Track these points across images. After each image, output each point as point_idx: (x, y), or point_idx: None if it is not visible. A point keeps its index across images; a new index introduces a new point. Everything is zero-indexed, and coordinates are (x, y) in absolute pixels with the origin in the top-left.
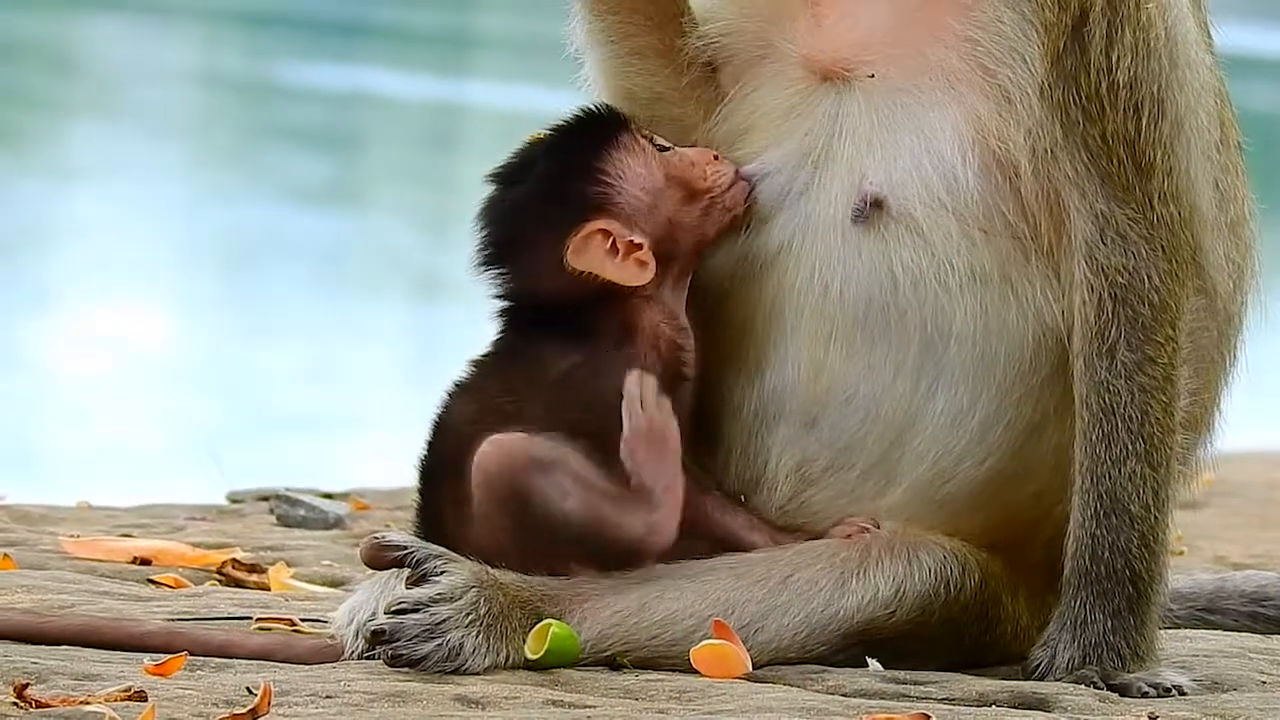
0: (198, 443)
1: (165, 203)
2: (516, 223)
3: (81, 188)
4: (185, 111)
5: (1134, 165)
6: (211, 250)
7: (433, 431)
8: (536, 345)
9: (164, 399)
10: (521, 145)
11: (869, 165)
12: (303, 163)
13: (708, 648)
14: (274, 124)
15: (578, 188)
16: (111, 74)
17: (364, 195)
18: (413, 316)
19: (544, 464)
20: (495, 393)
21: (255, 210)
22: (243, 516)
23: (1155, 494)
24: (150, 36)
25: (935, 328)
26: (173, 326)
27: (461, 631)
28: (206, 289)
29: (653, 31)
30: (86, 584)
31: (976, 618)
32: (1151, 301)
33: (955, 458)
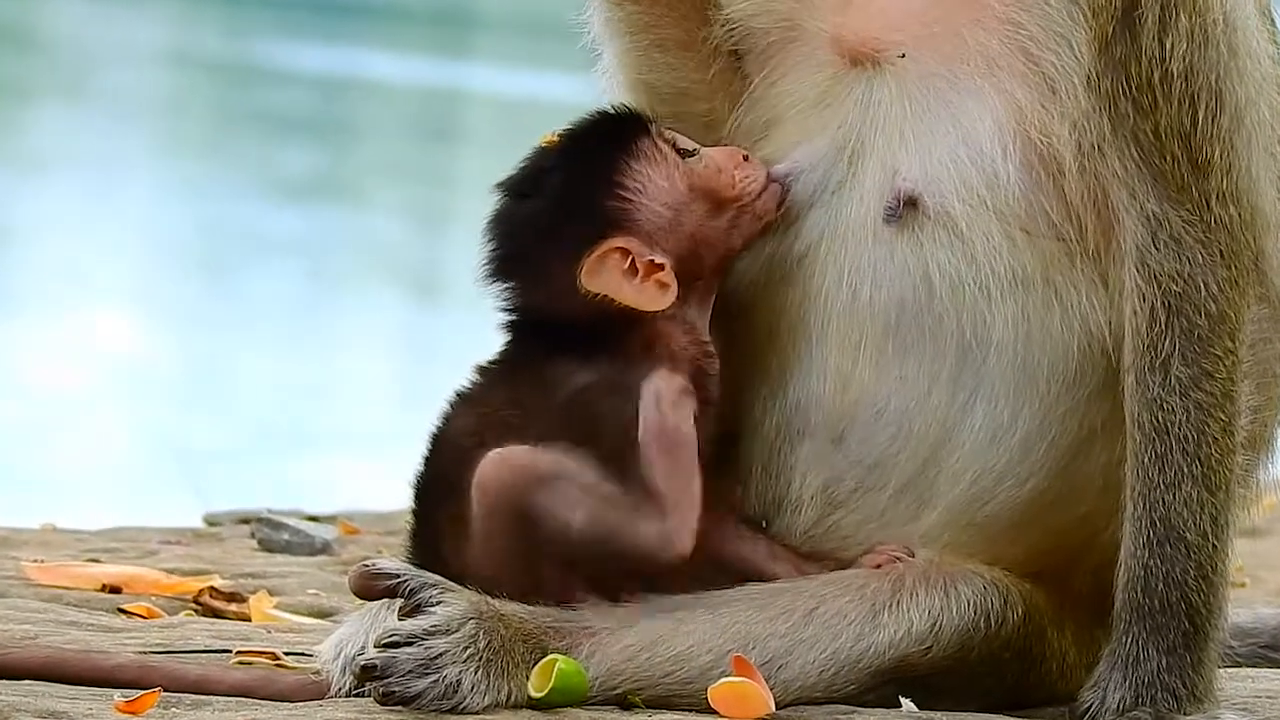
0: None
1: (136, 196)
2: (527, 239)
3: (46, 179)
4: (158, 96)
5: (1189, 162)
6: (187, 248)
7: (430, 446)
8: (547, 360)
9: (136, 411)
10: (533, 150)
11: (902, 160)
12: (286, 153)
13: (727, 685)
14: (254, 110)
15: (594, 202)
16: (79, 55)
17: (353, 189)
18: (406, 322)
19: (548, 476)
20: (499, 405)
21: (234, 205)
22: (221, 540)
23: (1214, 520)
24: (121, 15)
25: (974, 336)
26: (145, 332)
27: (459, 667)
28: (182, 291)
29: (676, 23)
30: (51, 613)
31: (1019, 654)
32: (1209, 311)
33: (995, 477)
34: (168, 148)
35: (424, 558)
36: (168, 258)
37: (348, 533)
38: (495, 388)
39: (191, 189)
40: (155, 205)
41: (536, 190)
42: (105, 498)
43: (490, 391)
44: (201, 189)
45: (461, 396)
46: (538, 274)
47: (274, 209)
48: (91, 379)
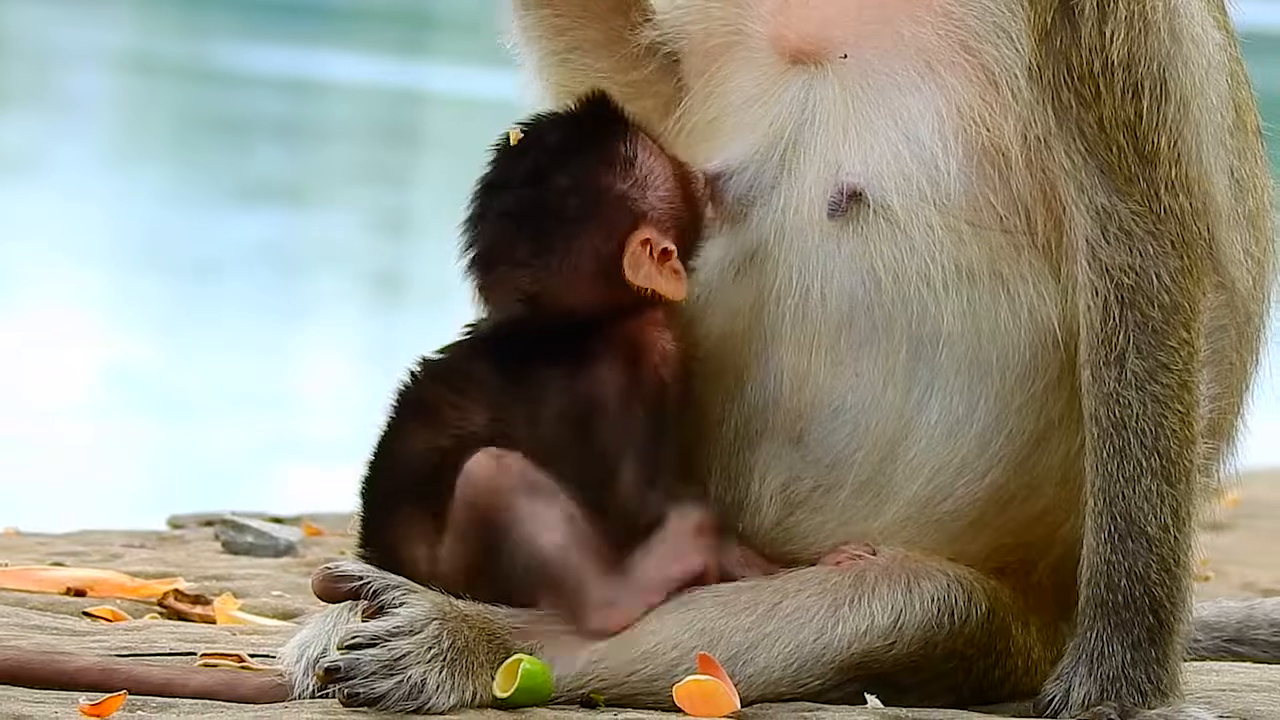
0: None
1: (95, 201)
2: (542, 228)
3: (3, 184)
4: (117, 99)
5: (1136, 153)
6: (148, 252)
7: (386, 449)
8: (531, 367)
9: (98, 416)
10: (507, 143)
11: (845, 155)
12: (246, 155)
13: (693, 684)
14: (214, 113)
15: (618, 192)
16: (35, 59)
17: (314, 192)
18: (369, 326)
19: (537, 488)
20: (477, 411)
21: (194, 208)
22: (185, 543)
23: (1174, 513)
24: (78, 17)
25: (923, 330)
26: (107, 336)
27: (423, 667)
28: (143, 294)
29: (592, 23)
30: (15, 617)
31: (984, 650)
32: (1162, 303)
33: (953, 472)
34: (127, 151)
35: (384, 560)
36: (129, 261)
37: (311, 534)
38: (468, 393)
39: (151, 192)
40: (115, 209)
41: (543, 180)
42: (68, 501)
43: (463, 398)
44: (161, 192)
45: (421, 401)
46: (551, 266)
47: (234, 211)
48: (53, 383)
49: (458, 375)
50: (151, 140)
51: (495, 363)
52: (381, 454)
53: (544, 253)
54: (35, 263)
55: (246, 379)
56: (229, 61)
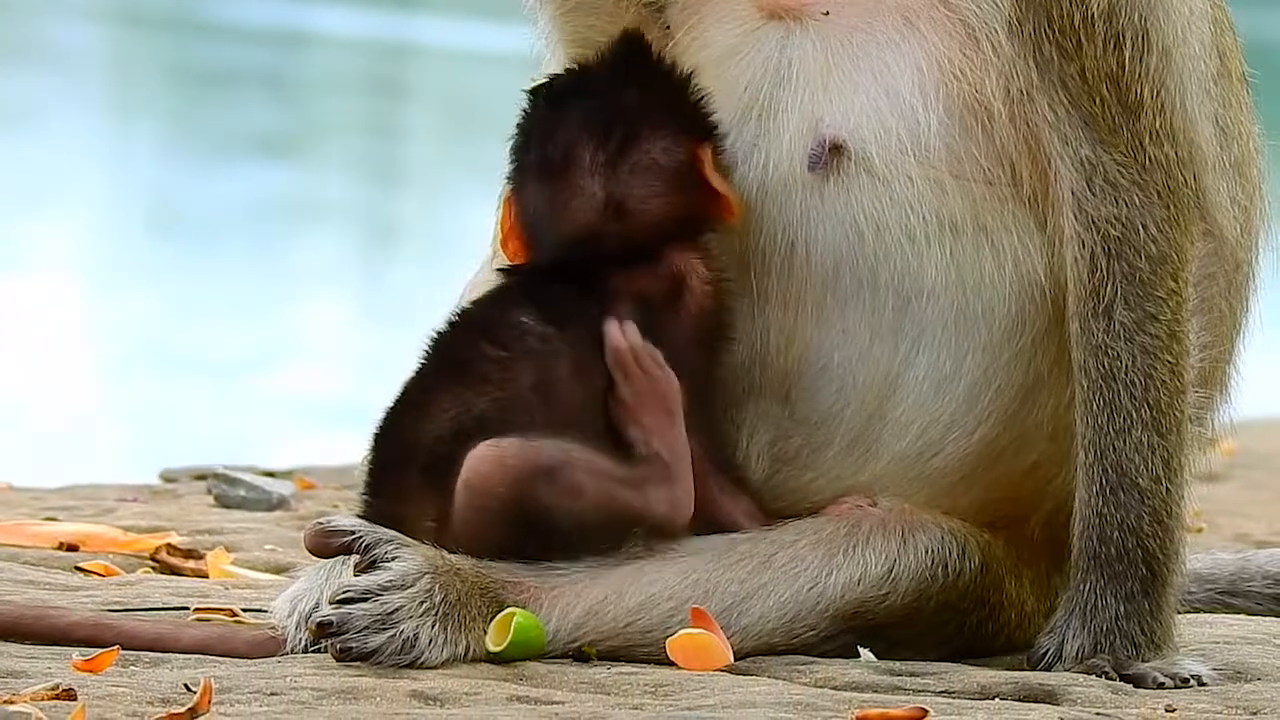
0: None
1: (84, 154)
2: (622, 134)
3: None
4: (101, 52)
5: (1119, 104)
6: (136, 207)
7: (404, 409)
8: (575, 310)
9: (89, 371)
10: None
11: (824, 108)
12: (236, 109)
13: (686, 637)
14: (200, 65)
15: (686, 106)
16: (22, 11)
17: (305, 144)
18: (359, 277)
19: (547, 467)
20: (524, 367)
21: (184, 163)
22: (178, 497)
23: (1166, 464)
24: None
25: (908, 284)
26: (95, 293)
27: (416, 621)
28: (132, 250)
29: None
30: (8, 572)
31: (977, 603)
32: (1149, 253)
33: (942, 428)
34: (117, 104)
35: (380, 517)
36: (116, 217)
37: (304, 488)
38: (512, 347)
39: (141, 146)
40: (104, 163)
41: (612, 92)
42: (61, 455)
43: (509, 351)
44: (151, 146)
45: (462, 357)
46: (637, 167)
47: (224, 165)
48: (45, 338)
49: (500, 328)
50: (141, 93)
51: (539, 309)
52: (406, 409)
53: (627, 155)
54: (25, 218)
55: (238, 333)
56: (218, 13)
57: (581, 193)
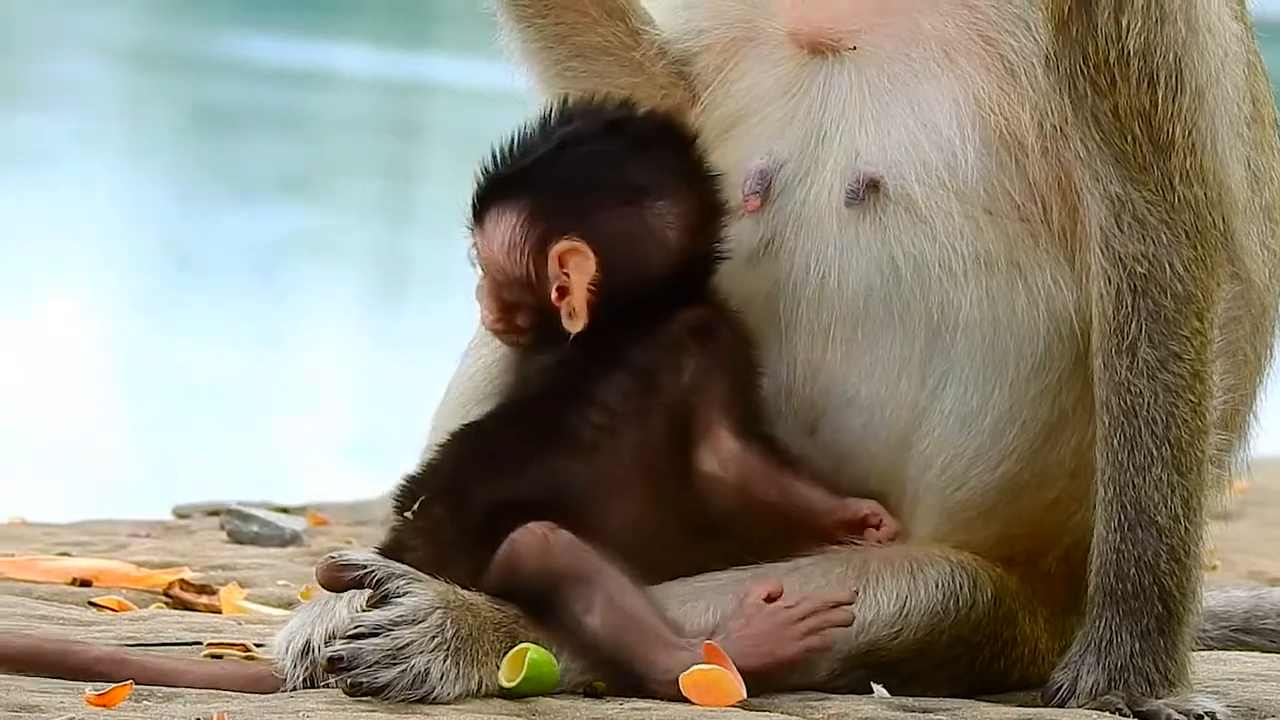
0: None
1: (98, 193)
2: (670, 167)
3: (6, 177)
4: (114, 89)
5: (1151, 142)
6: (151, 247)
7: (476, 467)
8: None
9: (103, 407)
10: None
11: (862, 144)
12: (250, 148)
13: (699, 673)
14: (218, 105)
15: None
16: (38, 50)
17: (319, 184)
18: (371, 316)
19: (581, 576)
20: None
21: (198, 201)
22: (191, 533)
23: (1185, 503)
24: (80, 7)
25: (941, 318)
26: (110, 330)
27: (427, 656)
28: (144, 291)
29: (593, 28)
30: (22, 607)
31: (990, 638)
32: (1174, 292)
33: (966, 462)
34: (131, 143)
35: (395, 552)
36: (131, 255)
37: (317, 524)
38: (596, 403)
39: (155, 184)
40: (118, 201)
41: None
42: (74, 491)
43: (591, 426)
44: (165, 184)
45: (538, 426)
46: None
47: (237, 203)
48: (58, 375)
49: (602, 393)
50: (157, 132)
51: (630, 371)
52: (478, 468)
53: (665, 183)
54: (40, 255)
55: (252, 371)
56: (233, 52)
57: (658, 233)
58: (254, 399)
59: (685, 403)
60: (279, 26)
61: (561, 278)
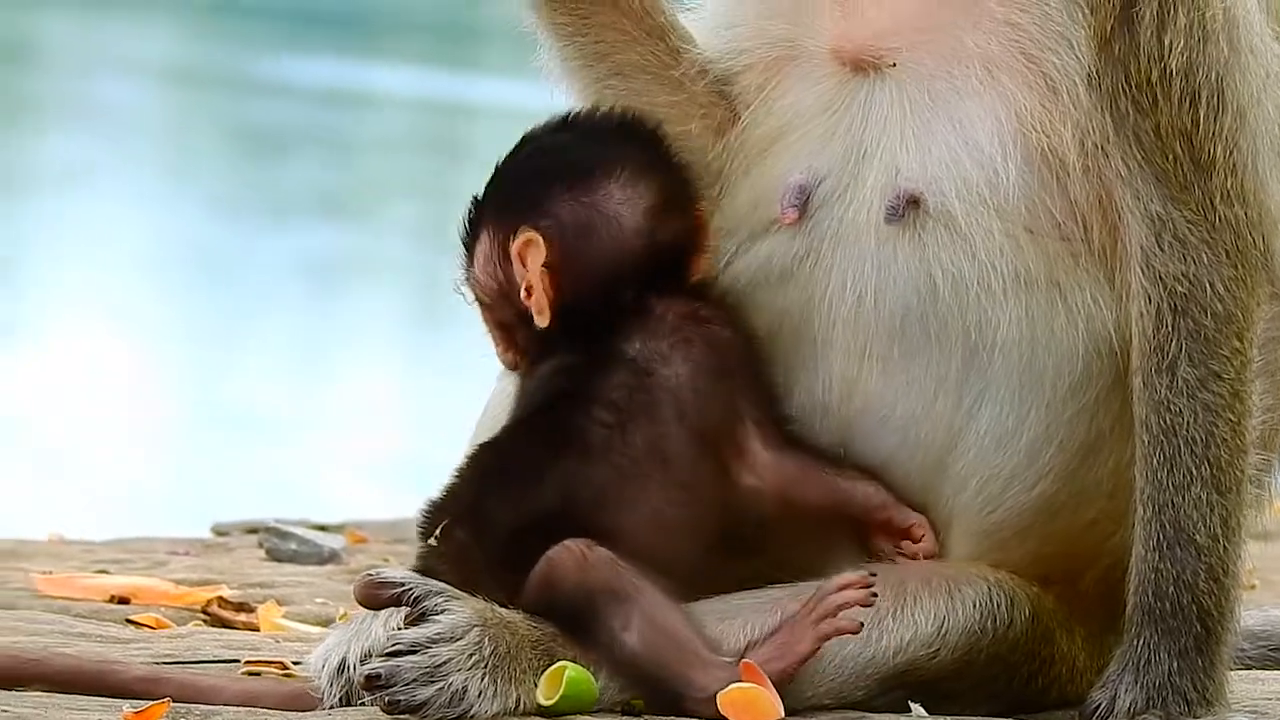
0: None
1: (138, 213)
2: (660, 165)
3: (43, 198)
4: (158, 111)
5: (1192, 161)
6: (190, 267)
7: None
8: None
9: (141, 425)
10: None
11: (903, 160)
12: (290, 169)
13: (737, 691)
14: (257, 125)
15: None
16: (78, 71)
17: (358, 205)
18: (412, 337)
19: (619, 594)
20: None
21: (237, 222)
22: (229, 550)
23: (1224, 522)
24: (117, 28)
25: (979, 337)
26: (149, 349)
27: (465, 674)
28: (184, 310)
29: (632, 46)
30: (60, 625)
31: (1027, 656)
32: (1215, 312)
33: (1002, 483)
34: (171, 164)
35: (435, 570)
36: (170, 275)
37: (355, 542)
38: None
39: (195, 205)
40: (158, 221)
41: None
42: (113, 508)
43: (600, 426)
44: (205, 205)
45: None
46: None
47: (277, 224)
48: (96, 393)
49: (604, 390)
50: (195, 153)
51: (625, 361)
52: (498, 484)
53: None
54: (79, 275)
55: (291, 390)
56: (274, 73)
57: (611, 215)
58: (293, 417)
59: (702, 406)
60: (320, 47)
61: (525, 275)
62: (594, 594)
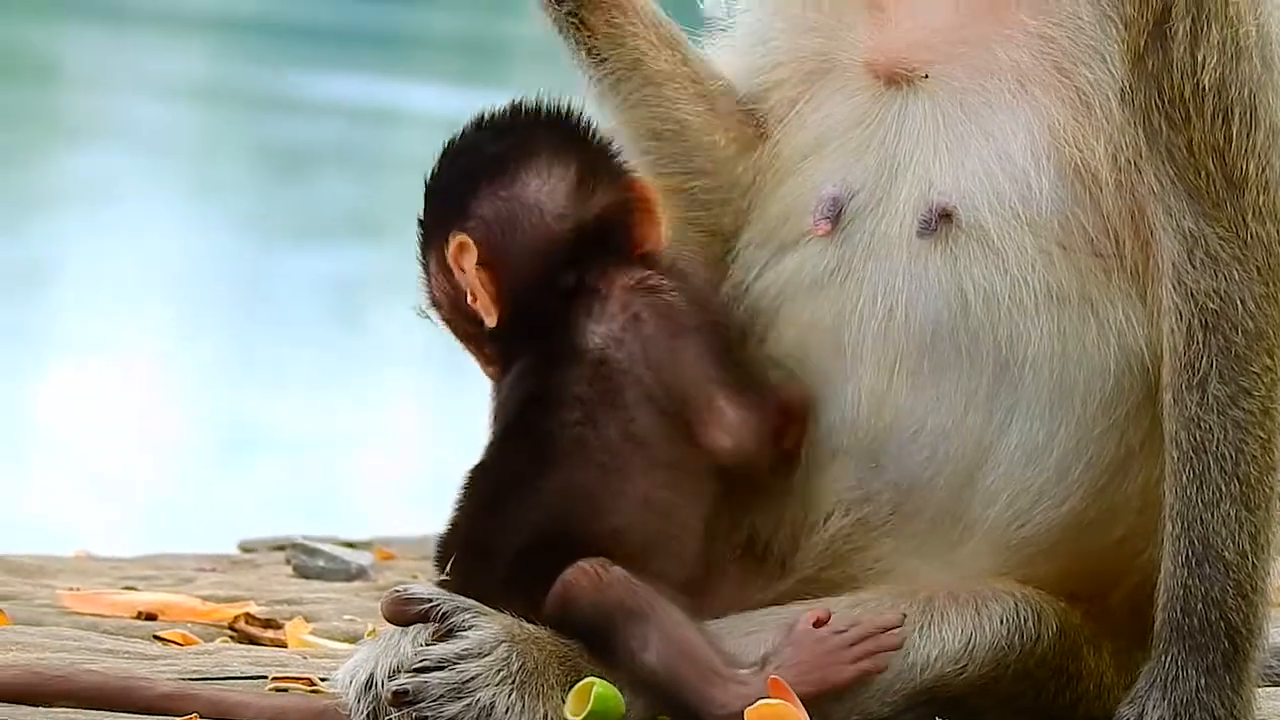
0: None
1: (165, 233)
2: (587, 153)
3: (74, 216)
4: (187, 129)
5: (1224, 178)
6: (218, 285)
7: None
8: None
9: (170, 442)
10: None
11: (936, 174)
12: (318, 187)
13: (765, 707)
14: (285, 144)
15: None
16: (107, 89)
17: (386, 224)
18: (440, 355)
19: (635, 613)
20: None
21: (265, 241)
22: (257, 567)
23: (1253, 539)
24: (147, 47)
25: (1010, 352)
26: (178, 366)
27: (492, 690)
28: (212, 327)
29: (655, 55)
30: (87, 641)
31: (1055, 672)
32: (1246, 329)
33: (1032, 499)
34: (199, 182)
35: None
36: (199, 293)
37: (383, 558)
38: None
39: (223, 223)
40: (187, 240)
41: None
42: (140, 525)
43: (568, 425)
44: (233, 223)
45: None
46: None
47: (305, 243)
48: (125, 410)
49: (560, 388)
50: (225, 171)
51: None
52: (491, 507)
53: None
54: (107, 292)
55: (319, 407)
56: (300, 92)
57: (531, 203)
58: (321, 434)
59: (662, 379)
60: (349, 66)
61: (465, 279)
62: (611, 614)
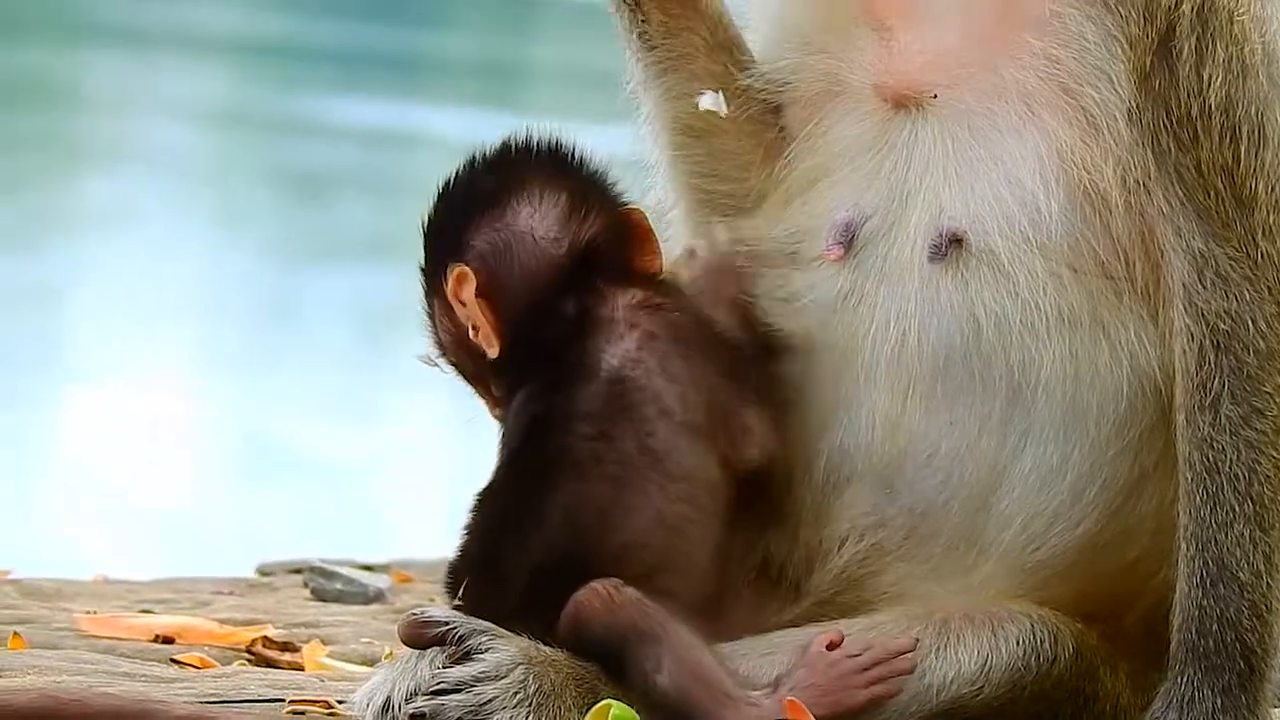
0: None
1: (186, 256)
2: (587, 187)
3: (94, 240)
4: (208, 153)
5: (1234, 198)
6: (238, 309)
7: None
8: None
9: (189, 466)
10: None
11: (946, 198)
12: (339, 211)
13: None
14: (305, 167)
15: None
16: (126, 113)
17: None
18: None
19: (647, 634)
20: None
21: (285, 264)
22: (274, 590)
23: (1267, 560)
24: (167, 70)
25: (1023, 376)
26: (197, 390)
27: (510, 712)
28: (232, 351)
29: (707, 55)
30: (105, 664)
31: (1071, 693)
32: (1258, 349)
33: (1046, 522)
34: (219, 206)
35: (477, 609)
36: (218, 317)
37: (401, 581)
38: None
39: (243, 247)
40: (207, 263)
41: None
42: (157, 548)
43: (585, 439)
44: (253, 246)
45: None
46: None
47: (325, 266)
48: (143, 433)
49: (576, 404)
50: (245, 195)
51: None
52: (505, 527)
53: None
54: (127, 315)
55: (338, 431)
56: (321, 115)
57: (524, 231)
58: (339, 458)
59: (684, 394)
60: (369, 89)
61: (465, 312)
62: (623, 635)
